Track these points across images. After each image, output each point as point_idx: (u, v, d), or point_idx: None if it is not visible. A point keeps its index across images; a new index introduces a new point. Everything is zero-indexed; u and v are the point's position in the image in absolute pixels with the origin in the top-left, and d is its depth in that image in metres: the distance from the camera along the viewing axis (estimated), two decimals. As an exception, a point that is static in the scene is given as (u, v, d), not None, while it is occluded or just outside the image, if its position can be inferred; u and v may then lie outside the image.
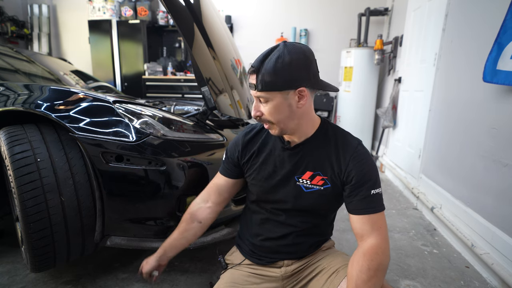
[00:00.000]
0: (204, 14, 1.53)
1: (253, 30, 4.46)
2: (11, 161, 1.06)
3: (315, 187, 0.86)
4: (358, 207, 0.81)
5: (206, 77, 1.38)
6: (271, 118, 0.80)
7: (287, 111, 0.79)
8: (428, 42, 2.44)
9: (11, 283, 1.32)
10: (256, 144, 0.93)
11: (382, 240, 0.78)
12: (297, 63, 0.75)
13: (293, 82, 0.76)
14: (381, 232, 0.79)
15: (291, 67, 0.74)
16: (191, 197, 1.25)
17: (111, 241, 1.22)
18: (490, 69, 1.49)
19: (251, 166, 0.93)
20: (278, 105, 0.77)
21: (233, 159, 0.96)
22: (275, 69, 0.73)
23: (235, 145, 0.96)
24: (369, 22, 3.75)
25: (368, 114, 3.72)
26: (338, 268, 0.85)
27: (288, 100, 0.77)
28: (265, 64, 0.75)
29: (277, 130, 0.82)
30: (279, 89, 0.75)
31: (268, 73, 0.74)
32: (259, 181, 0.92)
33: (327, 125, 0.89)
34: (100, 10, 4.35)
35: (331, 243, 1.02)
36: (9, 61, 2.04)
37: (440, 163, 2.13)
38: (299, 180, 0.87)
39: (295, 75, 0.75)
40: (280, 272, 0.94)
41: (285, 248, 0.93)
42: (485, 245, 1.53)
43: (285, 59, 0.74)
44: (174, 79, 4.28)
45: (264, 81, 0.74)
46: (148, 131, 1.16)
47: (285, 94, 0.76)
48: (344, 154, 0.84)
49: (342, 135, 0.88)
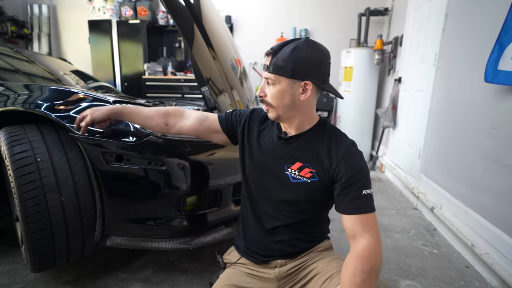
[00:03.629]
0: (204, 14, 1.53)
1: (253, 30, 4.46)
2: (11, 161, 1.06)
3: (302, 179, 0.87)
4: (349, 207, 0.81)
5: (206, 77, 1.38)
6: (272, 101, 0.84)
7: (289, 100, 0.83)
8: (428, 42, 2.44)
9: (11, 283, 1.32)
10: (258, 125, 0.97)
11: (374, 242, 0.78)
12: (311, 58, 0.80)
13: (301, 74, 0.80)
14: (373, 233, 0.79)
15: (304, 60, 0.79)
16: (191, 197, 1.25)
17: (111, 241, 1.22)
18: (491, 69, 1.49)
19: (246, 144, 0.97)
20: (282, 90, 0.82)
21: (235, 121, 1.01)
22: (289, 57, 0.78)
23: (243, 115, 1.01)
24: (369, 22, 3.75)
25: (368, 114, 3.72)
26: (332, 274, 0.85)
27: (292, 89, 0.82)
28: (282, 50, 0.80)
29: (274, 114, 0.86)
30: (287, 76, 0.80)
31: (282, 59, 0.79)
32: (250, 162, 0.95)
33: (324, 124, 0.91)
34: (100, 10, 4.35)
35: (328, 244, 1.01)
36: (9, 61, 2.04)
37: (440, 163, 2.13)
38: (288, 170, 0.89)
39: (306, 68, 0.80)
40: (274, 273, 0.94)
41: (275, 245, 0.94)
42: (485, 245, 1.53)
43: (301, 51, 0.79)
44: (174, 79, 4.28)
45: (277, 64, 0.80)
46: (148, 131, 1.16)
47: (291, 83, 0.81)
48: (337, 152, 0.85)
49: (337, 135, 0.89)
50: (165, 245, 1.23)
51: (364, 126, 3.75)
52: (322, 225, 1.00)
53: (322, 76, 0.83)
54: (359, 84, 3.60)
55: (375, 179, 3.10)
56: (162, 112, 1.02)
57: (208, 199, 1.30)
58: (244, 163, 0.98)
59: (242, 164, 0.99)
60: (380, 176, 3.23)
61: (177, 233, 1.26)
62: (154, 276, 1.41)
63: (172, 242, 1.24)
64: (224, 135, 1.03)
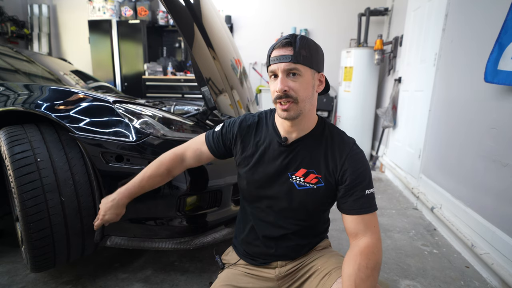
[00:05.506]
0: (204, 14, 1.53)
1: (253, 30, 4.46)
2: (11, 161, 1.06)
3: (308, 185, 0.85)
4: (353, 207, 0.81)
5: (206, 77, 1.38)
6: (299, 94, 0.77)
7: (311, 91, 0.80)
8: (428, 42, 2.44)
9: (11, 283, 1.32)
10: (253, 135, 0.92)
11: (377, 240, 0.79)
12: (320, 50, 0.81)
13: (320, 65, 0.81)
14: (375, 231, 0.80)
15: (319, 51, 0.81)
16: (191, 197, 1.25)
17: (111, 241, 1.22)
18: (491, 69, 1.49)
19: (244, 157, 0.92)
20: (307, 81, 0.78)
21: (225, 139, 0.96)
22: (311, 47, 0.78)
23: (233, 127, 0.95)
24: (369, 22, 3.75)
25: (368, 114, 3.72)
26: (330, 270, 0.85)
27: (314, 80, 0.81)
28: (297, 40, 0.76)
29: (297, 111, 0.79)
30: (312, 66, 0.78)
31: (304, 48, 0.76)
32: (251, 175, 0.90)
33: (324, 124, 0.90)
34: (100, 10, 4.36)
35: (327, 242, 1.01)
36: (9, 61, 2.04)
37: (440, 163, 2.13)
38: (292, 177, 0.86)
39: (321, 59, 0.82)
40: (275, 273, 0.94)
41: (278, 251, 0.93)
42: (485, 245, 1.53)
43: (311, 42, 0.78)
44: (174, 79, 4.28)
45: (301, 54, 0.75)
46: (148, 131, 1.16)
47: (313, 73, 0.80)
48: (340, 153, 0.84)
49: (338, 134, 0.88)
50: (165, 245, 1.23)
51: (364, 126, 3.75)
52: (323, 226, 1.00)
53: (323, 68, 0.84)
54: (359, 84, 3.60)
55: (375, 179, 3.10)
56: (162, 169, 0.99)
57: (208, 199, 1.30)
58: (243, 173, 0.93)
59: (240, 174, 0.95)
60: (380, 176, 3.23)
61: (177, 233, 1.26)
62: (154, 276, 1.41)
63: (172, 242, 1.24)
64: (223, 157, 1.00)
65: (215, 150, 0.98)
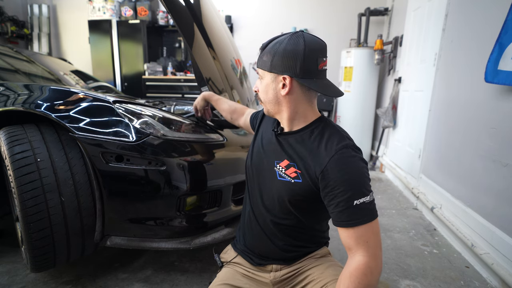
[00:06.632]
0: (204, 14, 1.53)
1: (253, 30, 4.46)
2: (11, 161, 1.06)
3: (287, 178, 0.84)
4: (340, 219, 0.74)
5: (206, 77, 1.38)
6: (260, 96, 0.87)
7: (272, 95, 0.83)
8: (428, 42, 2.44)
9: (11, 283, 1.32)
10: (264, 122, 1.01)
11: (370, 258, 0.71)
12: (289, 52, 0.77)
13: (279, 68, 0.79)
14: (369, 247, 0.71)
15: (282, 54, 0.78)
16: (191, 197, 1.25)
17: (111, 241, 1.22)
18: (492, 69, 1.49)
19: (254, 141, 1.00)
20: (267, 85, 0.83)
21: (254, 123, 1.11)
22: (271, 51, 0.80)
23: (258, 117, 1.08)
24: (369, 22, 3.75)
25: (368, 114, 3.72)
26: (327, 282, 0.82)
27: (274, 84, 0.82)
28: (270, 45, 0.81)
29: (265, 109, 0.89)
30: (268, 70, 0.81)
31: (266, 53, 0.81)
32: (250, 157, 0.98)
33: (320, 123, 0.84)
34: (100, 10, 4.35)
35: (325, 250, 0.98)
36: (9, 61, 2.04)
37: (440, 163, 2.13)
38: (277, 166, 0.87)
39: (283, 62, 0.78)
40: (270, 277, 0.94)
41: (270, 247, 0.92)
42: (485, 245, 1.53)
43: (281, 45, 0.79)
44: (174, 79, 4.27)
45: (262, 59, 0.83)
46: (148, 131, 1.16)
47: (272, 77, 0.81)
48: (326, 154, 0.77)
49: (331, 134, 0.81)
50: (165, 245, 1.23)
51: (364, 126, 3.75)
52: (319, 233, 0.97)
53: (300, 70, 0.76)
54: (359, 84, 3.60)
55: (375, 179, 3.11)
56: (233, 108, 1.25)
57: (208, 199, 1.30)
58: (247, 159, 1.00)
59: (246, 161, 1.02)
60: (380, 176, 3.24)
61: (177, 233, 1.26)
62: (154, 276, 1.41)
63: (172, 242, 1.24)
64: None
65: (251, 122, 1.15)
